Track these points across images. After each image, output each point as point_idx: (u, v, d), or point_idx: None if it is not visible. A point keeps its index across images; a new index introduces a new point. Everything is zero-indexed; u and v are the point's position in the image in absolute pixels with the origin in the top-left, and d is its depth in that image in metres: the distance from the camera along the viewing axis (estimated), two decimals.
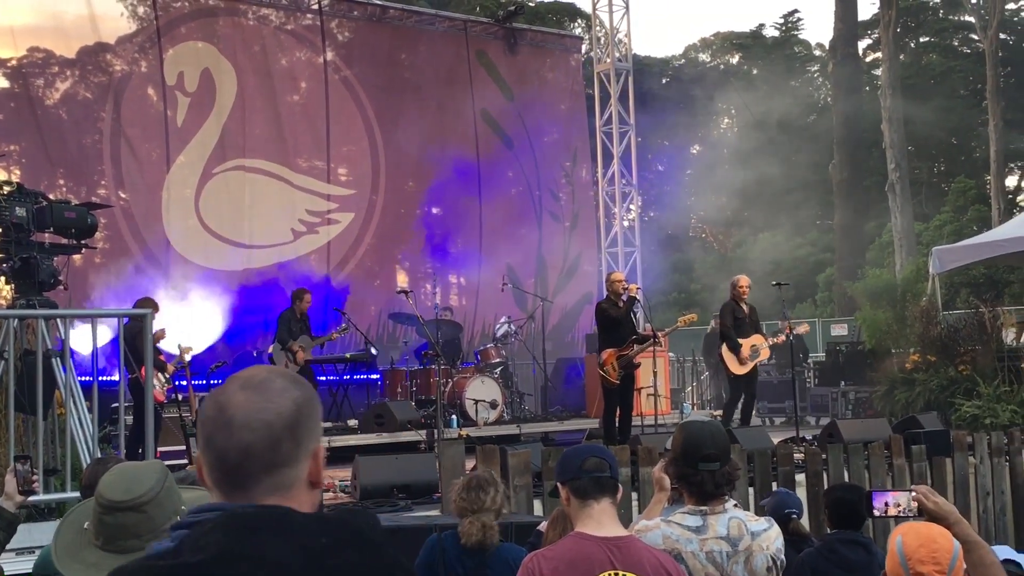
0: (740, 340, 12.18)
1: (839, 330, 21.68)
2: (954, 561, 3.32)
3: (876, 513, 3.56)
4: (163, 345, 11.22)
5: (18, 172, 14.28)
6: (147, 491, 2.52)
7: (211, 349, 14.40)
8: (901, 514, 3.52)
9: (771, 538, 3.83)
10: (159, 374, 10.68)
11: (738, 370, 12.25)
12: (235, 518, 1.75)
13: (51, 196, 13.08)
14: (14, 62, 14.38)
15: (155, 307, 10.75)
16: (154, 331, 10.86)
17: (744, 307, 12.49)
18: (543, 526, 5.03)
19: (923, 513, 3.46)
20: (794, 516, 6.02)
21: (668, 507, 4.24)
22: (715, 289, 30.83)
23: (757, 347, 12.28)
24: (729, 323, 12.41)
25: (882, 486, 9.30)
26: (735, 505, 3.92)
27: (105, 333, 9.47)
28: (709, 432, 3.96)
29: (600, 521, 3.48)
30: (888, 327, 16.00)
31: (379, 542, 1.85)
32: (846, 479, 9.38)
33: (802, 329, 13.83)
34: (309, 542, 1.73)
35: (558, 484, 3.63)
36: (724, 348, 12.37)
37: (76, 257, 7.94)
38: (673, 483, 4.06)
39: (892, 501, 3.52)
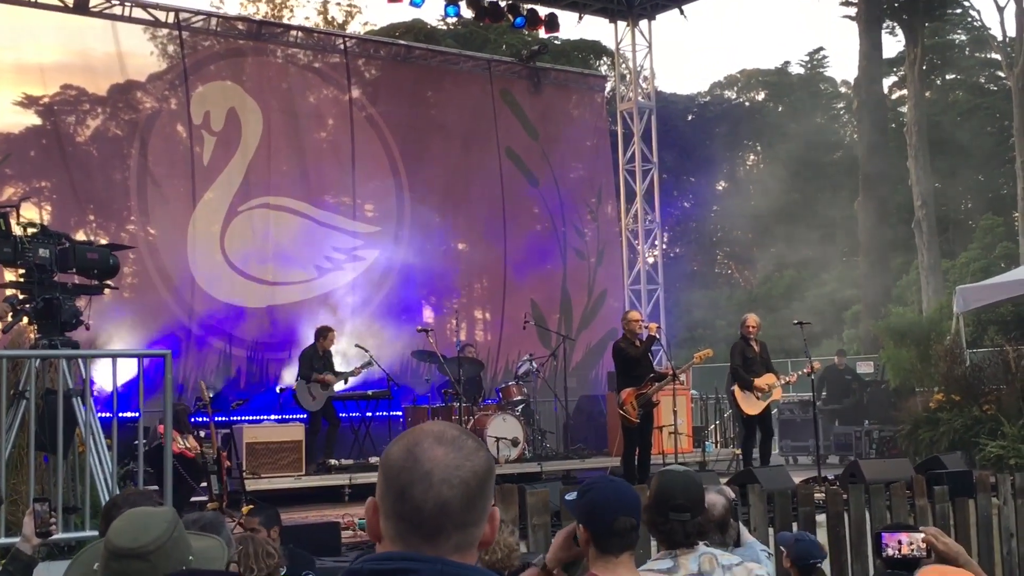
0: (755, 382, 12.15)
1: (864, 368, 21.54)
2: None
3: (887, 552, 3.58)
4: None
5: (49, 208, 14.47)
6: (153, 540, 2.54)
7: (233, 385, 14.49)
8: (911, 554, 3.53)
9: (748, 570, 3.87)
10: (189, 436, 10.67)
11: (750, 410, 12.22)
12: None
13: (80, 233, 13.35)
14: (46, 99, 14.57)
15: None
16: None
17: (755, 346, 12.46)
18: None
19: (931, 553, 3.48)
20: (817, 564, 6.01)
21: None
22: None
23: (770, 387, 12.24)
24: (739, 363, 12.39)
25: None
26: (706, 544, 3.96)
27: (127, 370, 9.53)
28: (682, 482, 4.00)
29: (616, 571, 3.51)
30: (912, 366, 15.91)
31: None
32: (868, 520, 9.33)
33: (817, 366, 13.78)
34: None
35: (580, 525, 3.56)
36: (736, 388, 12.35)
37: (104, 294, 8.03)
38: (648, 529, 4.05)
39: (903, 541, 3.54)
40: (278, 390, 14.47)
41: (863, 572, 8.97)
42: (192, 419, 11.36)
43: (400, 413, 15.07)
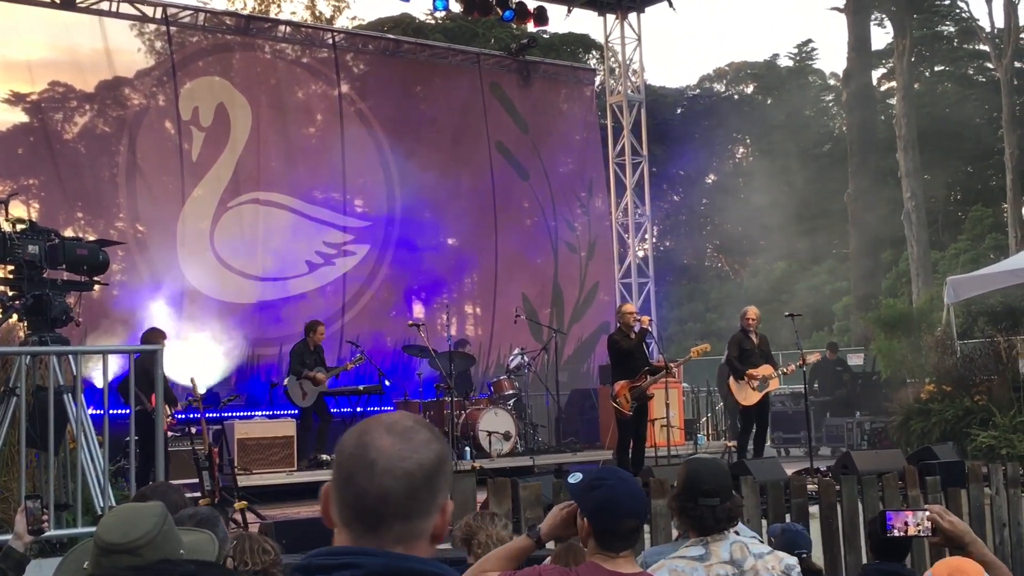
0: (749, 370, 12.17)
1: (855, 360, 21.57)
2: None
3: (893, 533, 3.56)
4: (175, 378, 11.27)
5: (36, 206, 14.41)
6: (144, 534, 2.53)
7: (224, 382, 14.46)
8: (917, 534, 3.51)
9: (777, 559, 3.91)
10: (166, 405, 10.68)
11: (746, 401, 12.24)
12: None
13: (68, 230, 13.30)
14: (34, 96, 14.51)
15: (163, 336, 10.79)
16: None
17: (753, 338, 12.48)
18: (549, 561, 5.03)
19: (937, 533, 3.46)
20: (804, 555, 6.01)
21: (674, 542, 4.28)
22: (731, 318, 30.69)
23: (767, 378, 12.26)
24: (736, 354, 12.41)
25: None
26: (736, 532, 3.99)
27: (117, 367, 9.51)
28: (711, 469, 4.05)
29: (617, 563, 3.51)
30: (903, 357, 15.94)
31: None
32: (860, 511, 9.34)
33: (813, 359, 13.79)
34: None
35: (584, 519, 3.52)
36: (732, 379, 12.36)
37: (94, 290, 8.00)
38: (676, 517, 4.11)
39: (907, 521, 3.52)
40: (269, 386, 14.45)
41: (856, 563, 8.97)
42: (183, 415, 11.34)
43: (391, 408, 15.06)
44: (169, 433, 10.88)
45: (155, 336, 10.62)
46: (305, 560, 1.89)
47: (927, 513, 3.47)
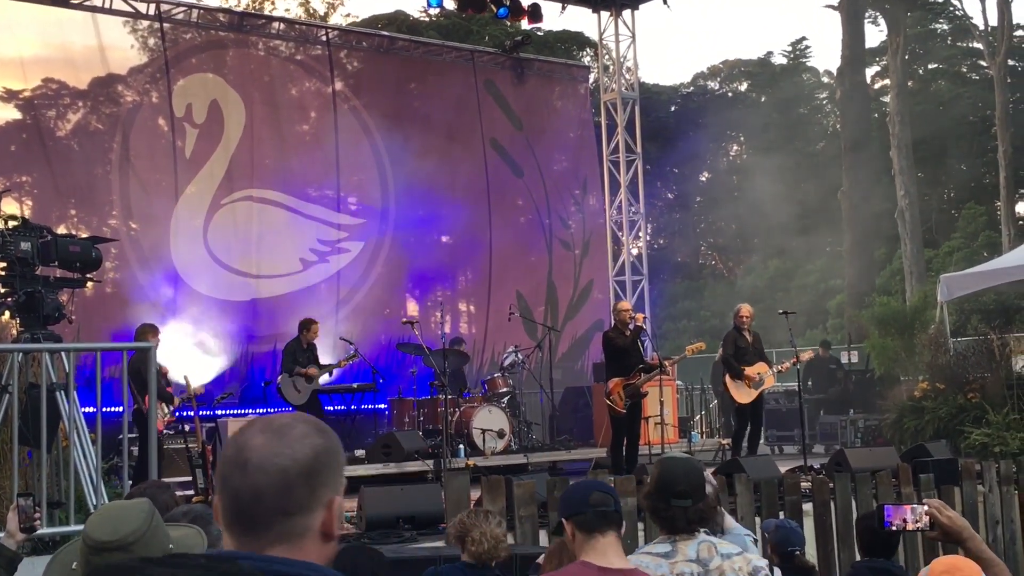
0: (743, 368, 12.18)
1: (849, 357, 21.59)
2: None
3: (889, 527, 3.55)
4: (171, 376, 11.26)
5: (29, 203, 14.38)
6: (133, 531, 2.53)
7: (218, 380, 14.44)
8: (916, 529, 3.50)
9: (745, 560, 3.89)
10: (162, 405, 10.67)
11: (742, 399, 12.25)
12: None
13: (62, 227, 13.27)
14: (27, 93, 14.47)
15: (155, 332, 10.75)
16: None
17: (747, 336, 12.49)
18: (543, 559, 5.03)
19: (935, 527, 3.44)
20: (797, 552, 6.03)
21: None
22: (725, 316, 30.68)
23: (761, 375, 12.27)
24: (731, 352, 12.42)
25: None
26: (707, 532, 3.98)
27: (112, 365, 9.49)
28: (684, 469, 4.03)
29: (605, 553, 3.54)
30: (897, 355, 15.96)
31: None
32: (854, 508, 9.35)
33: (806, 356, 13.80)
34: None
35: (562, 520, 3.67)
36: (727, 377, 12.37)
37: (87, 288, 7.99)
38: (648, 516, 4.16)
39: (906, 516, 3.51)
40: (263, 384, 14.43)
41: (849, 560, 8.97)
42: (177, 413, 11.34)
43: (385, 406, 15.06)
44: (165, 431, 10.84)
45: (148, 332, 10.58)
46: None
47: (925, 508, 3.46)
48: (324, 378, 13.39)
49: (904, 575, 5.60)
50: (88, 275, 7.38)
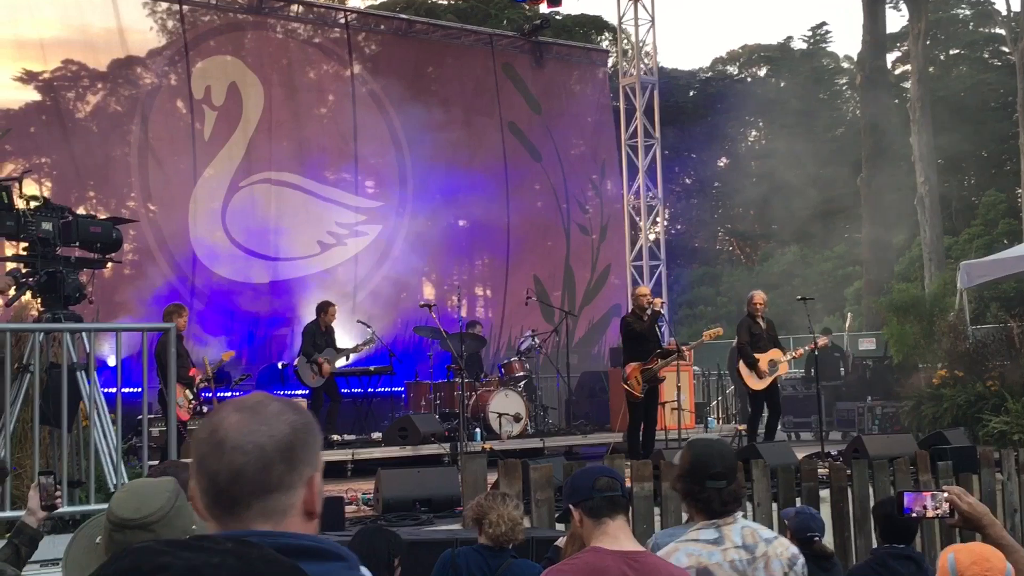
0: (757, 355, 12.14)
1: (867, 344, 21.53)
2: None
3: (909, 514, 3.52)
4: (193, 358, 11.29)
5: (48, 185, 14.42)
6: (157, 510, 2.53)
7: (236, 361, 14.48)
8: (936, 516, 3.48)
9: (784, 545, 3.90)
10: (185, 390, 10.65)
11: (756, 385, 12.21)
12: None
13: (80, 209, 13.28)
14: (46, 75, 14.51)
15: (181, 312, 10.70)
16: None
17: (761, 323, 12.45)
18: (561, 541, 5.04)
19: (955, 514, 3.42)
20: (816, 538, 6.01)
21: (680, 526, 4.28)
22: (742, 303, 30.61)
23: (775, 362, 12.23)
24: (745, 339, 12.38)
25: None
26: (743, 515, 3.99)
27: (131, 345, 9.52)
28: (716, 451, 4.02)
29: (616, 537, 3.54)
30: (915, 342, 15.88)
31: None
32: (871, 495, 9.32)
33: (823, 342, 13.74)
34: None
35: (570, 506, 3.67)
36: (741, 364, 12.33)
37: (106, 269, 8.01)
38: (682, 500, 4.14)
39: (926, 503, 3.48)
40: (280, 366, 14.47)
41: (866, 548, 8.95)
42: (201, 395, 11.35)
43: (402, 388, 15.08)
44: (187, 419, 10.71)
45: (174, 312, 10.52)
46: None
47: (945, 495, 3.43)
48: (341, 361, 13.40)
49: (923, 561, 5.57)
50: (108, 256, 7.40)
